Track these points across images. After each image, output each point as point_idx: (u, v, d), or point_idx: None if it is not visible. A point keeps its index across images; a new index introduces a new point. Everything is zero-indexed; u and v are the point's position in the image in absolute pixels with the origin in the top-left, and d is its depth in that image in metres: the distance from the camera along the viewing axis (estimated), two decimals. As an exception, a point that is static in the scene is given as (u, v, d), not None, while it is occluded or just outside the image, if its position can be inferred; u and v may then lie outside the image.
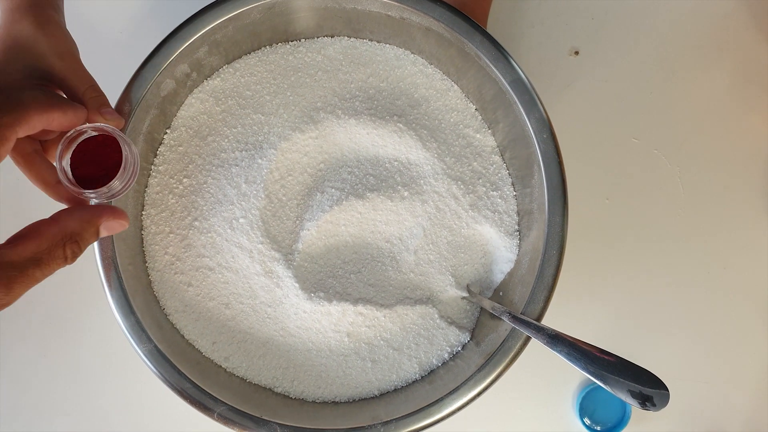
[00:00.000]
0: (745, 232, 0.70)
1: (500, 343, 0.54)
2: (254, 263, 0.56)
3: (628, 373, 0.48)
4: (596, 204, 0.70)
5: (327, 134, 0.58)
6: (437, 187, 0.58)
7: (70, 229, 0.41)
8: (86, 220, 0.43)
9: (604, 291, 0.70)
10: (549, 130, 0.54)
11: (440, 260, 0.59)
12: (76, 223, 0.42)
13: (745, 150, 0.70)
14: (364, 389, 0.58)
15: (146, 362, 0.54)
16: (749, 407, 0.70)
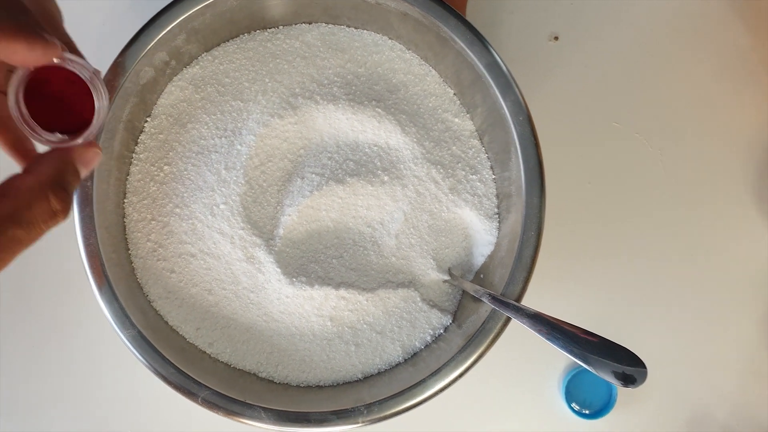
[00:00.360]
0: (728, 214, 0.71)
1: (481, 324, 0.54)
2: (236, 249, 0.57)
3: (609, 353, 0.48)
4: (578, 188, 0.70)
5: (306, 120, 0.58)
6: (417, 171, 0.58)
7: (48, 176, 0.35)
8: (62, 159, 0.37)
9: (588, 275, 0.70)
10: (525, 113, 0.55)
11: (421, 244, 0.59)
12: (52, 168, 0.36)
13: (727, 133, 0.71)
14: (348, 373, 0.58)
15: (130, 348, 0.54)
16: (735, 390, 0.70)
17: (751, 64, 0.71)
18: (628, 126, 0.71)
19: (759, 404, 0.70)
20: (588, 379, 0.69)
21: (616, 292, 0.70)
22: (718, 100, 0.71)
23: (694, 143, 0.71)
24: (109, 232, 0.57)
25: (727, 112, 0.71)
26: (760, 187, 0.70)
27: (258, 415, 0.53)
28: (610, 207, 0.70)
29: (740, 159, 0.71)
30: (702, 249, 0.70)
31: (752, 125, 0.71)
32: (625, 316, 0.70)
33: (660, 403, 0.69)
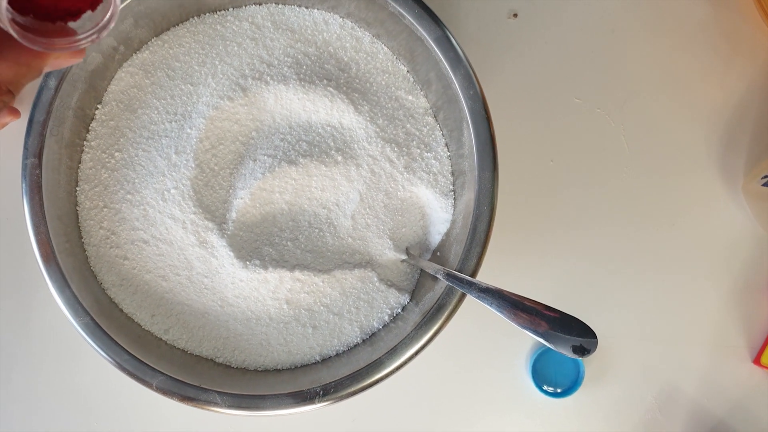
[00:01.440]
0: (692, 187, 0.70)
1: (436, 300, 0.54)
2: (188, 234, 0.56)
3: (566, 328, 0.48)
4: (541, 166, 0.70)
5: (257, 101, 0.58)
6: (371, 150, 0.58)
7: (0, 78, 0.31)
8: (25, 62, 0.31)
9: (553, 252, 0.69)
10: (475, 87, 0.54)
11: (378, 224, 0.58)
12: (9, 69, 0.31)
13: (689, 106, 0.70)
14: (306, 355, 0.58)
15: (83, 335, 0.53)
16: (703, 365, 0.70)
17: (711, 36, 0.70)
18: (589, 102, 0.70)
19: (728, 378, 0.69)
20: (555, 357, 0.68)
21: (582, 269, 0.69)
22: (679, 73, 0.70)
23: (656, 117, 0.70)
24: (62, 221, 0.56)
25: (688, 85, 0.70)
26: (725, 159, 0.70)
27: (213, 399, 0.53)
28: (573, 184, 0.70)
29: (703, 131, 0.70)
30: (667, 223, 0.70)
31: (714, 97, 0.70)
32: (589, 293, 0.69)
33: (628, 380, 0.69)
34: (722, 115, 0.70)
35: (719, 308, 0.69)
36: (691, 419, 0.69)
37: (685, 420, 0.69)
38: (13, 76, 0.31)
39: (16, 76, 0.31)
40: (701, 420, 0.69)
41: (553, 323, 0.48)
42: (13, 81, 0.31)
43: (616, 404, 0.69)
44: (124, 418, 0.68)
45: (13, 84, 0.31)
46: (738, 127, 0.70)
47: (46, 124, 0.55)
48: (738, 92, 0.71)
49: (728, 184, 0.70)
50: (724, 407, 0.69)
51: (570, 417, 0.69)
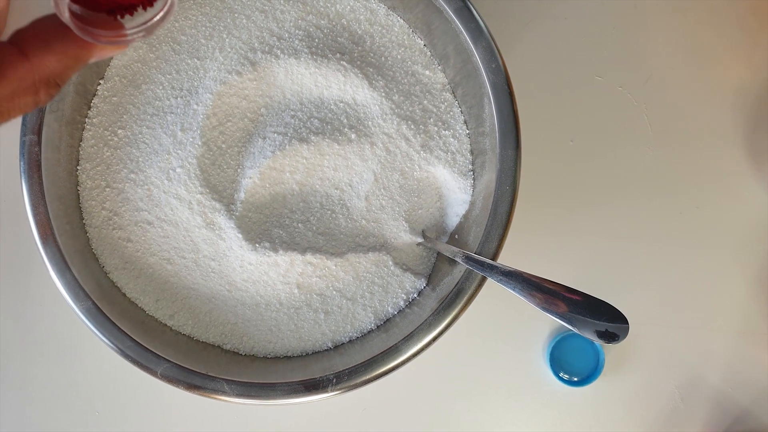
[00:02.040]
0: (717, 169, 0.67)
1: (455, 285, 0.51)
2: (194, 215, 0.53)
3: (591, 311, 0.46)
4: (560, 146, 0.67)
5: (266, 76, 0.55)
6: (386, 128, 0.55)
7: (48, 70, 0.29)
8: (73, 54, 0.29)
9: (572, 235, 0.67)
10: (498, 60, 0.51)
11: (393, 205, 0.56)
12: (57, 62, 0.29)
13: (715, 83, 0.68)
14: (318, 342, 0.55)
15: (84, 321, 0.51)
16: (727, 352, 0.67)
17: (738, 10, 0.67)
18: (610, 79, 0.67)
19: (753, 367, 0.67)
20: (573, 344, 0.66)
21: (603, 252, 0.67)
22: (703, 49, 0.68)
23: (680, 95, 0.68)
24: (63, 201, 0.54)
25: (713, 62, 0.68)
26: (752, 139, 0.67)
27: (221, 388, 0.51)
28: (594, 165, 0.67)
29: (729, 110, 0.67)
30: (692, 206, 0.67)
31: (741, 73, 0.67)
32: (611, 278, 0.67)
33: (650, 368, 0.67)
34: (749, 93, 0.67)
35: (745, 293, 0.67)
36: (714, 409, 0.66)
37: (709, 409, 0.67)
38: (62, 68, 0.29)
39: (64, 68, 0.29)
40: (725, 410, 0.66)
41: (580, 307, 0.45)
42: (60, 73, 0.30)
43: (636, 393, 0.67)
44: (127, 407, 0.65)
45: (60, 76, 0.30)
46: (765, 105, 0.67)
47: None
48: (765, 69, 0.68)
49: (756, 164, 0.67)
50: (749, 396, 0.66)
51: (588, 406, 0.66)
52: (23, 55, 0.28)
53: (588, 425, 0.66)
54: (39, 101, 0.29)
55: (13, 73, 0.28)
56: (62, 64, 0.29)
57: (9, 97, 0.28)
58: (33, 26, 0.29)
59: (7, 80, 0.27)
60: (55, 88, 0.30)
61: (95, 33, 0.29)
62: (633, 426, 0.67)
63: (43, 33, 0.29)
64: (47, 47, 0.29)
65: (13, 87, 0.28)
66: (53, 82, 0.29)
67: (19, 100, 0.28)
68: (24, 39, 0.28)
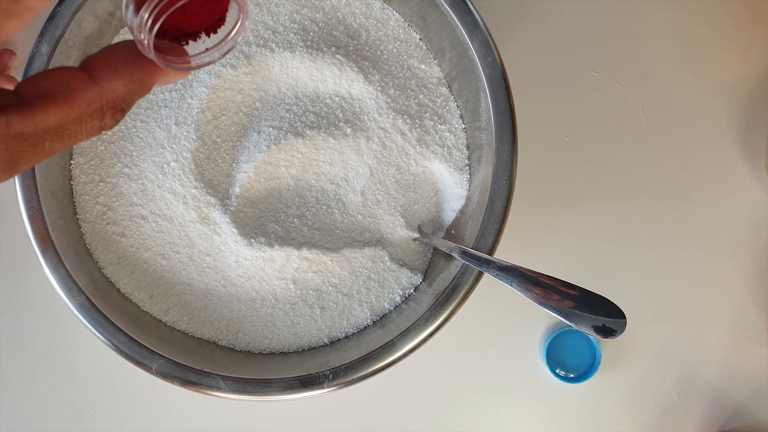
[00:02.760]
0: (712, 165, 0.67)
1: (451, 280, 0.51)
2: (189, 210, 0.53)
3: (588, 306, 0.45)
4: (556, 142, 0.67)
5: (261, 70, 0.54)
6: (382, 122, 0.55)
7: (115, 95, 0.29)
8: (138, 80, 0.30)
9: (567, 230, 0.67)
10: (494, 53, 0.51)
11: (389, 200, 0.56)
12: (124, 87, 0.29)
13: (710, 79, 0.68)
14: (314, 337, 0.55)
15: (78, 316, 0.51)
16: (723, 348, 0.67)
17: (733, 7, 0.67)
18: (606, 75, 0.67)
19: (749, 362, 0.67)
20: (570, 341, 0.66)
21: (598, 248, 0.67)
22: (699, 46, 0.68)
23: (675, 91, 0.67)
24: (56, 196, 0.53)
25: (708, 58, 0.68)
26: (746, 135, 0.67)
27: (216, 384, 0.50)
28: (590, 161, 0.67)
29: (724, 106, 0.67)
30: (687, 201, 0.67)
31: (736, 70, 0.67)
32: (607, 274, 0.67)
33: (646, 364, 0.67)
34: (744, 90, 0.68)
35: (740, 289, 0.67)
36: (710, 404, 0.66)
37: (705, 405, 0.66)
38: (128, 93, 0.30)
39: (130, 93, 0.30)
40: (721, 405, 0.66)
41: (577, 302, 0.45)
42: (126, 98, 0.30)
43: (632, 389, 0.67)
44: (121, 404, 0.65)
45: (126, 101, 0.30)
46: (760, 102, 0.67)
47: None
48: (760, 65, 0.68)
49: (750, 160, 0.67)
50: (745, 392, 0.66)
51: (585, 402, 0.66)
52: (92, 80, 0.28)
53: (584, 422, 0.66)
54: (105, 126, 0.30)
55: (82, 97, 0.28)
56: (128, 89, 0.29)
57: (77, 121, 0.28)
58: (102, 53, 0.30)
59: (76, 104, 0.28)
60: (120, 113, 0.30)
61: (170, 60, 0.30)
62: (629, 422, 0.66)
63: (111, 59, 0.29)
64: (115, 73, 0.29)
65: (81, 110, 0.28)
66: (119, 107, 0.30)
67: (86, 124, 0.29)
68: (93, 65, 0.29)
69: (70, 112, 0.28)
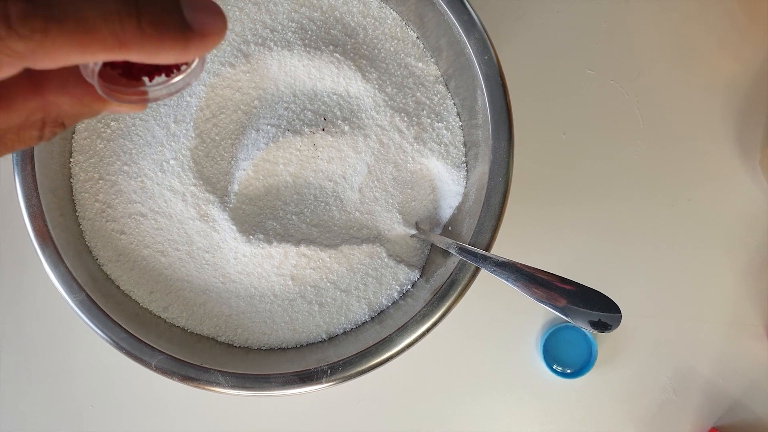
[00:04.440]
0: (708, 162, 0.68)
1: (448, 276, 0.51)
2: (188, 207, 0.53)
3: (585, 301, 0.46)
4: (553, 139, 0.68)
5: (260, 68, 0.55)
6: (379, 120, 0.55)
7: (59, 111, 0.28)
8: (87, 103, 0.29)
9: (564, 227, 0.67)
10: (490, 51, 0.52)
11: (386, 197, 0.56)
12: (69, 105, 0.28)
13: (705, 76, 0.68)
14: (312, 333, 0.55)
15: (78, 313, 0.51)
16: (718, 344, 0.68)
17: (728, 6, 0.68)
18: (602, 73, 0.68)
19: (744, 358, 0.67)
20: (566, 336, 0.66)
21: (595, 244, 0.67)
22: (694, 44, 0.68)
23: (671, 89, 0.68)
24: (55, 194, 0.54)
25: (704, 56, 0.68)
26: (741, 132, 0.68)
27: (215, 379, 0.51)
28: (586, 158, 0.68)
29: (719, 104, 0.68)
30: (683, 198, 0.68)
31: (731, 68, 0.68)
32: (603, 270, 0.67)
33: (642, 360, 0.67)
34: (739, 88, 0.68)
35: (735, 285, 0.67)
36: (706, 400, 0.67)
37: (701, 400, 0.67)
38: (73, 112, 0.28)
39: (75, 113, 0.29)
40: (717, 400, 0.67)
41: (573, 297, 0.46)
42: (70, 116, 0.29)
43: (629, 385, 0.67)
44: (120, 400, 0.65)
45: (69, 119, 0.29)
46: (755, 99, 0.68)
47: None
48: (755, 63, 0.68)
49: (745, 157, 0.68)
50: (740, 387, 0.67)
51: (581, 398, 0.67)
52: (37, 90, 0.27)
53: (581, 417, 0.67)
54: (43, 137, 0.28)
55: (23, 106, 0.27)
56: (74, 110, 0.28)
57: (15, 129, 0.27)
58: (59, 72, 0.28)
59: (16, 112, 0.27)
60: (60, 128, 0.29)
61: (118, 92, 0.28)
62: (626, 417, 0.67)
63: (63, 73, 0.28)
64: (63, 89, 0.28)
65: (20, 119, 0.27)
66: (60, 122, 0.28)
67: (24, 134, 0.27)
68: (42, 74, 0.27)
69: (8, 120, 0.26)
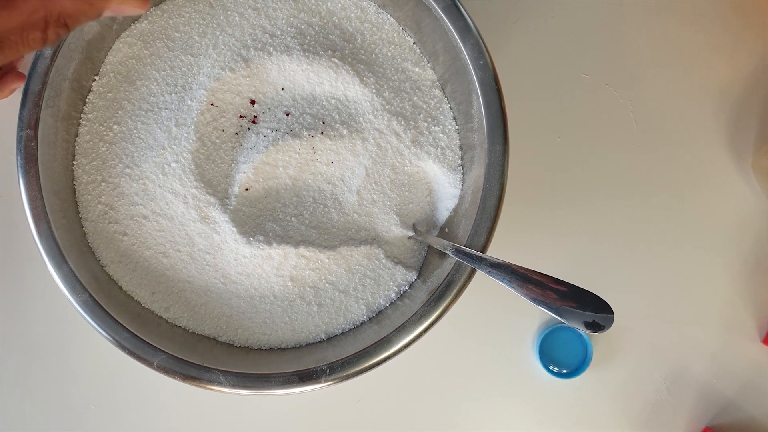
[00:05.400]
0: (701, 165, 0.69)
1: (445, 277, 0.52)
2: (189, 209, 0.54)
3: (579, 302, 0.47)
4: (548, 143, 0.68)
5: (259, 73, 0.56)
6: (377, 123, 0.56)
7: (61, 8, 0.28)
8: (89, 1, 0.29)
9: (559, 229, 0.68)
10: (485, 56, 0.53)
11: (384, 200, 0.57)
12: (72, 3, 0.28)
13: (699, 81, 0.69)
14: (311, 334, 0.56)
15: (81, 313, 0.52)
16: (712, 345, 0.68)
17: (721, 10, 0.69)
18: (597, 77, 0.69)
19: (738, 359, 0.68)
20: (562, 337, 0.67)
21: (589, 246, 0.68)
22: (688, 48, 0.69)
23: (664, 93, 0.69)
24: (59, 196, 0.55)
25: (697, 60, 0.69)
26: (734, 136, 0.69)
27: (216, 378, 0.51)
28: (581, 161, 0.68)
29: (712, 108, 0.69)
30: (676, 201, 0.69)
31: (724, 73, 0.69)
32: (598, 272, 0.68)
33: (637, 360, 0.68)
34: (732, 91, 0.69)
35: (728, 287, 0.68)
36: (700, 400, 0.68)
37: (694, 401, 0.68)
38: (74, 10, 0.29)
39: (77, 11, 0.29)
40: (710, 400, 0.68)
41: (567, 298, 0.47)
42: (72, 15, 0.29)
43: (624, 385, 0.68)
44: (122, 400, 0.66)
45: (71, 18, 0.29)
46: (748, 103, 0.69)
47: (42, 95, 0.53)
48: (748, 68, 0.69)
49: (738, 160, 0.69)
50: (734, 388, 0.68)
51: (577, 398, 0.68)
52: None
53: (576, 416, 0.68)
54: (47, 39, 0.29)
55: (23, 5, 0.27)
56: (75, 7, 0.29)
57: (18, 30, 0.27)
58: None
59: (17, 11, 0.27)
60: (63, 29, 0.29)
61: None
62: (621, 417, 0.68)
63: None
64: None
65: (22, 19, 0.27)
66: (62, 22, 0.29)
67: (28, 35, 0.28)
68: None
69: (10, 19, 0.26)
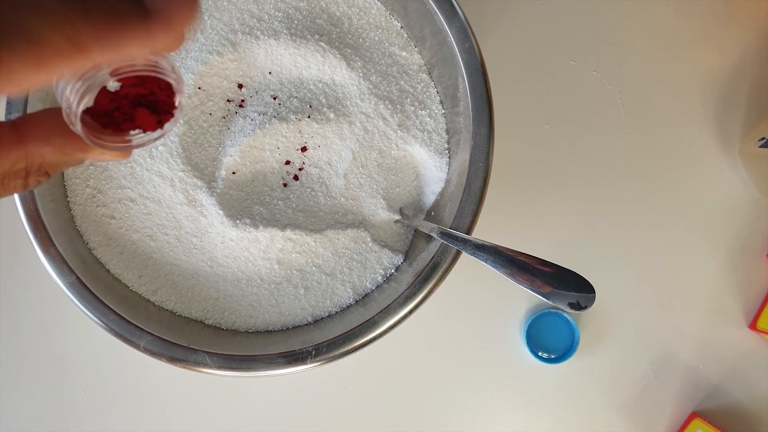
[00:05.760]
0: (688, 151, 0.69)
1: (430, 259, 0.53)
2: (176, 192, 0.55)
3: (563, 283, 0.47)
4: (536, 130, 0.69)
5: (247, 57, 0.56)
6: (364, 107, 0.57)
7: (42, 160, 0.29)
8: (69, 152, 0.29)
9: (547, 215, 0.69)
10: (471, 39, 0.53)
11: (371, 183, 0.57)
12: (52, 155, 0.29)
13: (686, 68, 0.69)
14: (298, 316, 0.57)
15: (68, 295, 0.52)
16: (698, 330, 0.69)
17: (709, -3, 0.69)
18: (585, 64, 0.69)
19: (724, 344, 0.69)
20: (549, 322, 0.67)
21: (577, 233, 0.69)
22: (675, 36, 0.69)
23: (652, 80, 0.69)
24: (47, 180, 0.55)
25: (685, 48, 0.69)
26: (721, 122, 0.69)
27: (203, 360, 0.52)
28: (569, 148, 0.69)
29: (700, 94, 0.69)
30: (663, 187, 0.69)
31: (711, 60, 0.69)
32: (585, 258, 0.69)
33: (624, 346, 0.68)
34: (719, 79, 0.69)
35: (715, 272, 0.69)
36: (687, 385, 0.68)
37: (681, 385, 0.68)
38: (55, 162, 0.30)
39: (58, 162, 0.30)
40: (697, 385, 0.68)
41: (551, 278, 0.47)
42: (53, 165, 0.30)
43: (611, 370, 0.68)
44: (111, 384, 0.66)
45: (52, 168, 0.30)
46: (735, 90, 0.69)
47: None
48: (735, 55, 0.70)
49: (725, 146, 0.69)
50: (720, 372, 0.68)
51: (564, 383, 0.68)
52: (20, 141, 0.28)
53: (563, 401, 0.68)
54: (28, 185, 0.30)
55: (6, 156, 0.28)
56: (56, 159, 0.29)
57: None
58: (38, 115, 0.29)
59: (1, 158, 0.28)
60: (44, 176, 0.30)
61: (102, 140, 0.29)
62: (608, 402, 0.68)
63: (46, 124, 0.29)
64: (46, 140, 0.29)
65: (4, 170, 0.28)
66: (44, 171, 0.29)
67: (9, 182, 0.29)
68: (27, 126, 0.29)
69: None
